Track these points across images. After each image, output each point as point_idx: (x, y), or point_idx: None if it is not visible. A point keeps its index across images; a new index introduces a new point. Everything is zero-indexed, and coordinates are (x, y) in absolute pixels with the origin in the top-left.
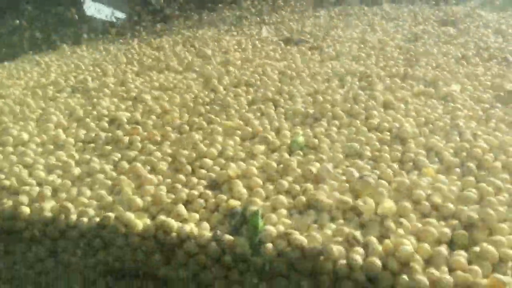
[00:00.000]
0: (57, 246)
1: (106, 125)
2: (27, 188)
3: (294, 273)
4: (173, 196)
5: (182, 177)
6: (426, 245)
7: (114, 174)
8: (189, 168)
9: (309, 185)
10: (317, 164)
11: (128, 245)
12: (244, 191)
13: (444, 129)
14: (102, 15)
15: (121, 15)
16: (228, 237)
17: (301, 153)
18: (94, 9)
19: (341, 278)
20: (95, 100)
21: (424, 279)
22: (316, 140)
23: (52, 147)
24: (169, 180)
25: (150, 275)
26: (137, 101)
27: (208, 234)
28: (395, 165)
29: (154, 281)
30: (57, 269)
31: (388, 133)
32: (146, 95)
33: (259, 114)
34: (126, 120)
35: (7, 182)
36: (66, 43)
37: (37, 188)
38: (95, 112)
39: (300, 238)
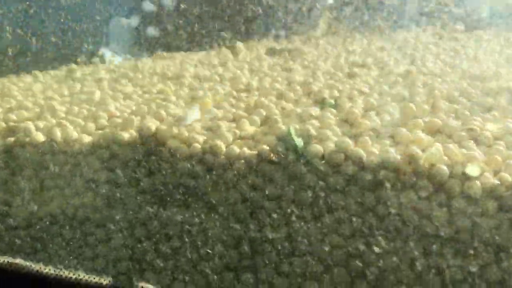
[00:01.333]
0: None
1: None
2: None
3: (353, 187)
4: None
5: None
6: (497, 157)
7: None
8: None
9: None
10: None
11: (176, 170)
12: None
13: None
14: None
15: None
16: (278, 155)
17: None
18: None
19: (405, 188)
20: None
21: (497, 181)
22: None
23: None
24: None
25: (198, 200)
26: None
27: (255, 153)
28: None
29: (202, 206)
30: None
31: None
32: None
33: None
34: None
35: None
36: None
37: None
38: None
39: (358, 150)
